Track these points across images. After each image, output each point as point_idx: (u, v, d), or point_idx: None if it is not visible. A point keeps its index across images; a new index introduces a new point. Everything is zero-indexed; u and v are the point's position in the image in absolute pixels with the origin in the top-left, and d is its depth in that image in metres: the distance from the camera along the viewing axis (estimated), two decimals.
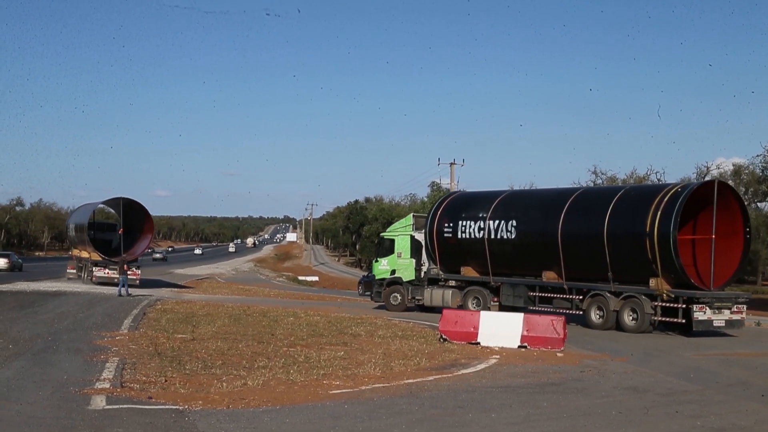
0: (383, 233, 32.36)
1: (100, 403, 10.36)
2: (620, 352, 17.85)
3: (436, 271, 28.66)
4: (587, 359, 16.30)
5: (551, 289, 24.68)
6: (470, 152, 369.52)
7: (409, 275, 29.13)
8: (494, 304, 26.32)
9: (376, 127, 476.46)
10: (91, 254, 40.24)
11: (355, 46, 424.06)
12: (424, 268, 29.07)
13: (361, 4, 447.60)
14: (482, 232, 26.38)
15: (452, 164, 58.71)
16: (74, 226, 45.72)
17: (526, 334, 17.42)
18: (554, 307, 24.21)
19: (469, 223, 26.92)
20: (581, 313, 23.61)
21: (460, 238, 27.17)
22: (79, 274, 43.38)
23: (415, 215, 30.48)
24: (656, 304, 22.03)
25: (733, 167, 62.77)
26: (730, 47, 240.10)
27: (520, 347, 17.23)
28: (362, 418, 10.00)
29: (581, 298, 23.73)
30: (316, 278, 77.74)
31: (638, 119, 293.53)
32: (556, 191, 27.07)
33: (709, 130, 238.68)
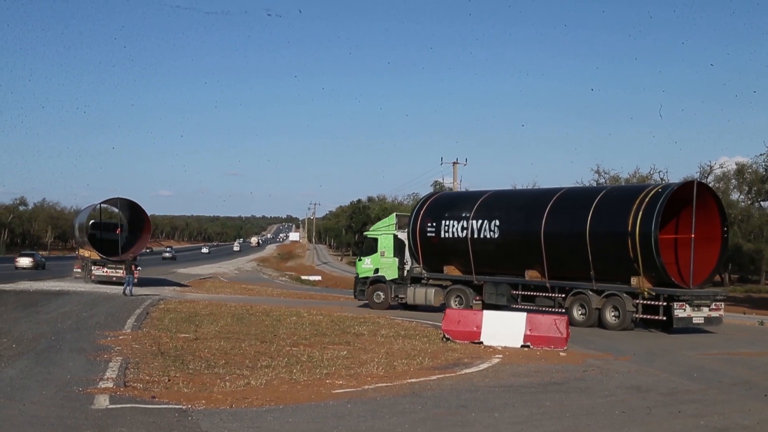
0: (366, 232, 32.61)
1: (103, 402, 10.38)
2: (623, 351, 17.84)
3: (419, 269, 28.90)
4: (590, 359, 16.29)
5: (534, 287, 24.93)
6: (472, 152, 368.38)
7: (392, 274, 29.33)
8: (477, 302, 26.59)
9: (377, 127, 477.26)
10: (90, 253, 41.23)
11: (356, 46, 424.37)
12: (407, 266, 29.26)
13: (362, 4, 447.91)
14: (465, 231, 26.59)
15: (455, 164, 58.62)
16: (77, 226, 47.32)
17: (529, 333, 17.43)
18: (537, 305, 24.52)
19: (452, 222, 27.14)
20: (564, 311, 23.72)
21: (443, 237, 27.39)
22: (83, 273, 44.03)
23: (398, 214, 30.62)
24: (637, 302, 22.31)
25: (736, 166, 62.72)
26: (731, 47, 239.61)
27: (523, 347, 17.23)
28: (365, 417, 10.00)
29: (564, 296, 24.02)
30: (318, 278, 77.63)
31: (640, 119, 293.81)
32: (539, 191, 27.64)
33: (711, 129, 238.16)
